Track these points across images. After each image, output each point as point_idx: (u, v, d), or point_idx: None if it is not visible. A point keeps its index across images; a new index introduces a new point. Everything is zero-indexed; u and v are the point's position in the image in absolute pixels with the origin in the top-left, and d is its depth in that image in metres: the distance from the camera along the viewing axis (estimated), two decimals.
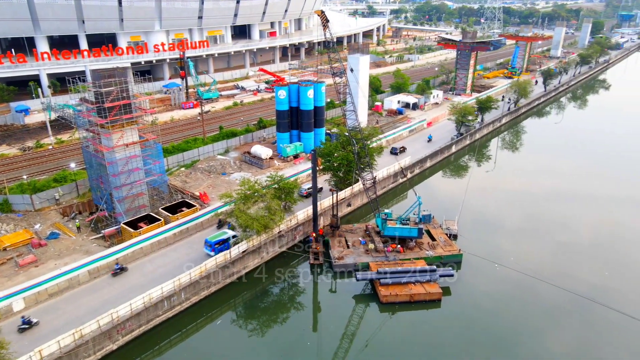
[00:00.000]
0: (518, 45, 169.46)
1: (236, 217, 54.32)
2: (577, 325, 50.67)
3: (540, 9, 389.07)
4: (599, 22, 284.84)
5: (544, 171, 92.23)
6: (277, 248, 61.25)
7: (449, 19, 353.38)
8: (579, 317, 51.72)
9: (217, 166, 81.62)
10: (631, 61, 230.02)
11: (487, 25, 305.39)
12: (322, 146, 74.82)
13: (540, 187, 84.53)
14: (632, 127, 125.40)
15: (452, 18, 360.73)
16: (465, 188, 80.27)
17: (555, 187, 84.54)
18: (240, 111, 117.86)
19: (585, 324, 50.82)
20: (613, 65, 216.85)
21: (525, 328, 50.04)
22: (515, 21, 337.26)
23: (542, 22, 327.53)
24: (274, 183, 61.69)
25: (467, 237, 65.35)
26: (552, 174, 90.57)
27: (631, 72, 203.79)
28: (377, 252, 59.85)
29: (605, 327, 50.43)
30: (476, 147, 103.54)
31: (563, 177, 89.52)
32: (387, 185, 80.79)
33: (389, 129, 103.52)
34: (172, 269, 54.84)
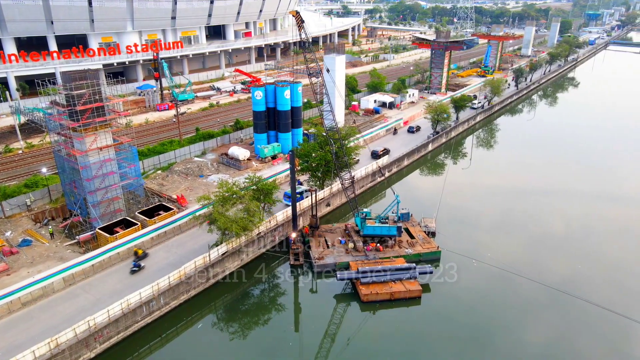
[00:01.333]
0: (490, 44, 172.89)
1: (215, 220, 53.86)
2: (553, 317, 52.01)
3: (511, 8, 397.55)
4: (567, 21, 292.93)
5: (518, 166, 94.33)
6: (257, 250, 61.01)
7: (422, 19, 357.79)
8: (554, 309, 53.09)
9: (194, 168, 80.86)
10: (598, 59, 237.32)
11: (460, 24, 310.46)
12: (299, 147, 74.77)
13: (515, 182, 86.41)
14: (600, 121, 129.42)
15: (426, 18, 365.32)
16: (442, 185, 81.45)
17: (530, 181, 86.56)
18: (216, 112, 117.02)
19: (561, 315, 52.20)
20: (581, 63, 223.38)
21: (504, 321, 51.10)
22: (487, 21, 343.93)
23: (513, 22, 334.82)
24: (252, 184, 61.43)
25: (445, 234, 66.31)
26: (526, 169, 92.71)
27: (598, 69, 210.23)
28: (356, 252, 60.17)
29: (579, 318, 51.93)
30: (452, 145, 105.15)
31: (536, 171, 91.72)
32: (366, 184, 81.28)
33: (366, 128, 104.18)
34: (150, 273, 54.06)
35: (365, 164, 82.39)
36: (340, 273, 55.21)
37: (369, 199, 79.40)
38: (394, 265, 56.42)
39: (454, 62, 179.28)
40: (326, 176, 70.70)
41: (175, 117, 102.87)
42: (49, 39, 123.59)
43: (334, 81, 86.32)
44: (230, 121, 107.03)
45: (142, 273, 54.26)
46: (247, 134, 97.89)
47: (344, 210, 74.12)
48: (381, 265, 56.44)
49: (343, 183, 62.44)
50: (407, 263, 57.42)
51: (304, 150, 70.99)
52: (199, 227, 59.73)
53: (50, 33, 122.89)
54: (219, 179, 71.48)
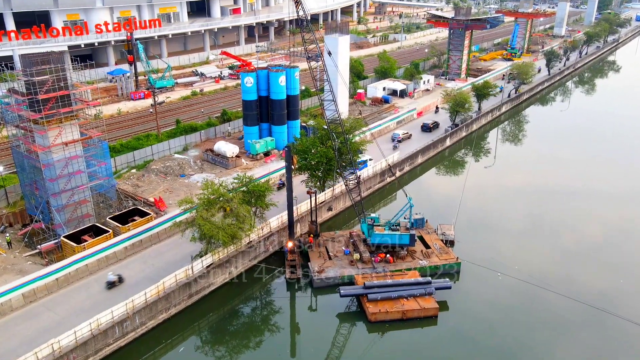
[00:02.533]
0: (518, 22, 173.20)
1: (198, 226, 54.00)
2: (590, 338, 52.20)
3: None
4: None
5: (549, 165, 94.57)
6: (248, 261, 61.14)
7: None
8: (591, 329, 53.28)
9: (174, 167, 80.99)
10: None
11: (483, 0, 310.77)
12: (297, 142, 74.93)
13: (546, 183, 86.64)
14: None
15: None
16: (462, 187, 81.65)
17: (563, 182, 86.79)
18: (200, 102, 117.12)
19: (599, 337, 52.39)
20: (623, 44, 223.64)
21: (533, 344, 51.26)
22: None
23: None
24: (242, 185, 61.59)
25: (465, 243, 66.49)
26: (559, 168, 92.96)
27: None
28: (363, 263, 60.32)
29: (620, 339, 52.08)
30: (473, 140, 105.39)
31: (571, 171, 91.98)
32: (374, 185, 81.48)
33: (374, 120, 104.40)
34: (124, 288, 54.26)
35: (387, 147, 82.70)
36: (344, 288, 55.32)
37: (377, 202, 79.49)
38: (406, 280, 56.54)
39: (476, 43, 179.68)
40: (327, 176, 70.83)
41: (152, 108, 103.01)
42: (6, 17, 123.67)
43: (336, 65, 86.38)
44: (216, 112, 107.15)
45: (114, 289, 54.40)
46: (235, 126, 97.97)
47: (349, 215, 74.26)
48: (391, 280, 56.56)
49: (347, 184, 62.60)
50: (421, 277, 57.56)
51: (302, 145, 71.14)
52: (181, 235, 59.84)
53: (7, 9, 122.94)
54: (203, 179, 71.65)
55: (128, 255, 59.83)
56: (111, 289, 54.20)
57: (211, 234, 53.61)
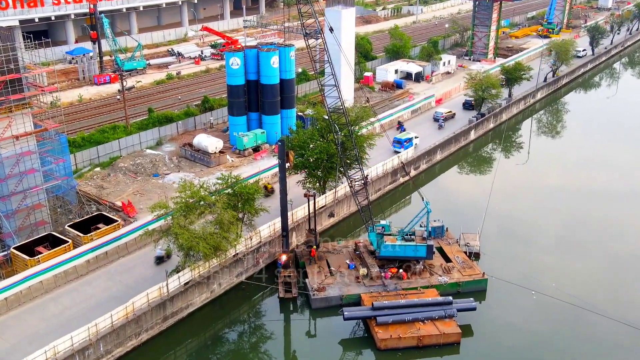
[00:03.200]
0: None
1: (175, 236, 53.99)
2: None
3: None
4: None
5: (593, 163, 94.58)
6: (234, 277, 61.13)
7: None
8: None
9: (146, 165, 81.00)
10: None
11: None
12: (292, 135, 74.91)
13: (590, 184, 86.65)
14: None
15: None
16: (489, 188, 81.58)
17: (609, 184, 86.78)
18: (177, 87, 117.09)
19: None
20: None
21: None
22: None
23: None
24: (227, 187, 61.59)
25: (493, 256, 66.44)
26: (604, 167, 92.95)
27: None
28: (371, 280, 60.31)
29: None
30: (503, 133, 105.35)
31: (619, 171, 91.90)
32: (384, 186, 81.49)
33: (384, 109, 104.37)
34: (85, 310, 54.14)
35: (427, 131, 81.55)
36: (349, 310, 55.28)
37: (388, 206, 79.45)
38: (422, 299, 56.53)
39: (506, 17, 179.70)
40: (329, 176, 70.86)
41: (119, 94, 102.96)
42: None
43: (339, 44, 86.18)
44: (195, 99, 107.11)
45: (74, 309, 54.35)
46: (219, 117, 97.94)
47: (354, 222, 74.28)
48: (405, 300, 56.55)
49: (352, 185, 62.55)
50: (441, 296, 57.56)
51: (298, 139, 71.13)
52: (154, 246, 59.74)
53: None
54: (181, 180, 71.57)
55: (91, 270, 59.68)
56: (159, 265, 59.80)
57: (190, 244, 53.55)
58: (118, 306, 52.21)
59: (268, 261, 64.57)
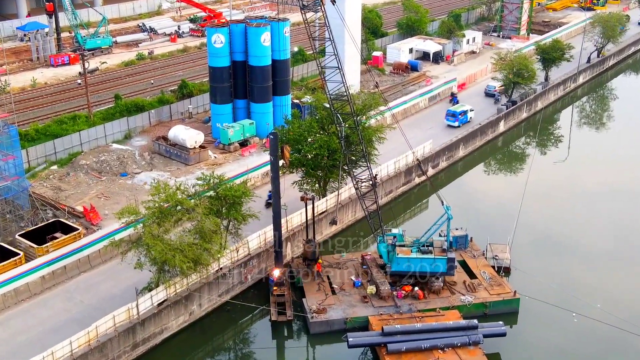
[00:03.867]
0: None
1: (146, 248, 53.87)
2: None
3: None
4: None
5: None
6: (217, 297, 61.06)
7: None
8: None
9: (112, 162, 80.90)
10: None
11: None
12: (287, 126, 74.81)
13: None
14: None
15: None
16: (521, 191, 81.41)
17: None
18: (149, 69, 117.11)
19: None
20: None
21: None
22: None
23: None
24: (209, 188, 61.50)
25: (526, 271, 66.35)
26: None
27: None
28: (380, 300, 60.24)
29: None
30: (538, 124, 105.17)
31: None
32: (396, 188, 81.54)
33: (397, 96, 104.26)
34: (40, 335, 53.99)
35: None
36: (354, 336, 55.15)
37: (400, 212, 79.44)
38: (442, 323, 56.43)
39: None
40: (330, 175, 70.81)
41: (81, 77, 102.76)
42: None
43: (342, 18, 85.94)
44: (171, 84, 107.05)
45: (26, 334, 54.18)
46: (199, 105, 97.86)
47: (360, 231, 74.24)
48: (421, 323, 56.46)
49: (358, 187, 62.44)
50: (464, 319, 57.48)
51: (294, 132, 71.00)
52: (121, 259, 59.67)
53: None
54: (153, 180, 71.40)
55: (47, 288, 59.50)
56: (269, 208, 66.40)
57: (165, 258, 53.45)
58: (79, 331, 51.99)
59: (258, 277, 64.43)
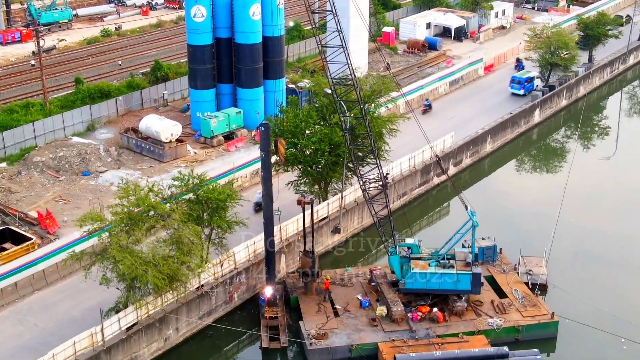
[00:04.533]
0: None
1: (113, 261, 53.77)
2: None
3: None
4: None
5: None
6: (197, 320, 60.96)
7: None
8: None
9: (72, 158, 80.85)
10: None
11: None
12: (281, 116, 74.74)
13: None
14: None
15: None
16: (560, 193, 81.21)
17: None
18: (116, 48, 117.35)
19: None
20: None
21: None
22: None
23: None
24: (188, 190, 61.42)
25: (566, 289, 66.16)
26: None
27: None
28: (392, 323, 60.05)
29: None
30: (580, 113, 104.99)
31: None
32: (411, 189, 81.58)
33: (412, 80, 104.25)
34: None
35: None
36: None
37: (416, 219, 79.50)
38: (466, 351, 56.35)
39: None
40: (332, 174, 70.76)
41: (34, 58, 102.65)
42: None
43: None
44: (142, 65, 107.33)
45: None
46: (176, 90, 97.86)
47: (368, 241, 74.21)
48: (441, 351, 56.34)
49: (366, 188, 62.33)
50: (492, 346, 57.36)
51: (289, 123, 70.95)
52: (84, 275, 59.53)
53: None
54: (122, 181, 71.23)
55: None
56: (259, 212, 68.84)
57: (135, 273, 53.35)
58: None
59: (246, 296, 64.37)
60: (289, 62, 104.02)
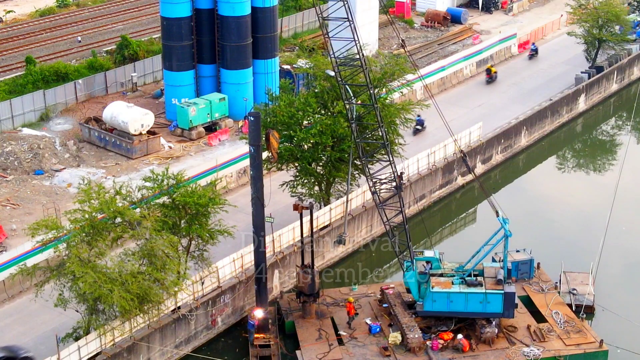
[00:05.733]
0: None
1: (72, 278, 53.77)
2: None
3: None
4: None
5: None
6: (173, 348, 61.11)
7: None
8: None
9: (22, 154, 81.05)
10: None
11: None
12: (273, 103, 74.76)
13: None
14: None
15: None
16: (610, 196, 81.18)
17: None
18: (74, 21, 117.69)
19: None
20: None
21: None
22: None
23: None
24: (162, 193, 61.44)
25: (616, 312, 66.31)
26: None
27: None
28: (408, 353, 60.17)
29: None
30: (634, 100, 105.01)
31: None
32: (430, 192, 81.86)
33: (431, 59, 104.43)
34: None
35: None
36: None
37: (436, 227, 79.77)
38: None
39: None
40: (336, 174, 70.94)
41: None
42: None
43: None
44: (107, 42, 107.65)
45: None
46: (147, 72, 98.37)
47: (379, 253, 74.54)
48: None
49: (377, 190, 62.35)
50: None
51: (283, 112, 70.97)
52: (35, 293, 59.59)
53: None
54: (82, 181, 71.29)
55: None
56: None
57: (98, 292, 53.37)
58: None
59: (232, 321, 64.52)
60: (283, 39, 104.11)
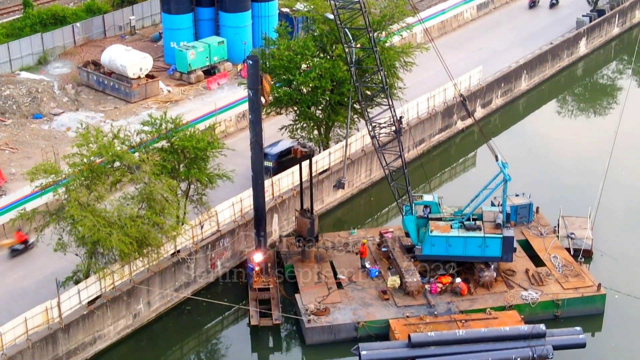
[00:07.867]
0: None
1: (71, 222, 53.79)
2: None
3: None
4: None
5: None
6: (172, 292, 61.36)
7: None
8: None
9: (20, 98, 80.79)
10: None
11: None
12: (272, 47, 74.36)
13: None
14: None
15: None
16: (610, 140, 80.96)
17: None
18: None
19: None
20: None
21: None
22: None
23: None
24: (160, 137, 61.27)
25: (614, 256, 66.54)
26: None
27: None
28: (407, 296, 60.45)
29: None
30: (635, 44, 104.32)
31: None
32: (429, 136, 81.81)
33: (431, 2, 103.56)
34: None
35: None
36: (368, 348, 55.35)
37: (436, 171, 79.83)
38: (495, 330, 56.62)
39: None
40: (335, 117, 70.83)
41: None
42: None
43: None
44: None
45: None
46: (144, 15, 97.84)
47: (378, 197, 74.61)
48: (465, 330, 56.65)
49: (376, 134, 62.19)
50: (526, 324, 57.61)
51: (281, 55, 70.63)
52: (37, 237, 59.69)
53: None
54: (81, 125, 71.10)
55: None
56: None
57: (97, 236, 53.42)
58: None
59: (231, 264, 64.61)
60: None
